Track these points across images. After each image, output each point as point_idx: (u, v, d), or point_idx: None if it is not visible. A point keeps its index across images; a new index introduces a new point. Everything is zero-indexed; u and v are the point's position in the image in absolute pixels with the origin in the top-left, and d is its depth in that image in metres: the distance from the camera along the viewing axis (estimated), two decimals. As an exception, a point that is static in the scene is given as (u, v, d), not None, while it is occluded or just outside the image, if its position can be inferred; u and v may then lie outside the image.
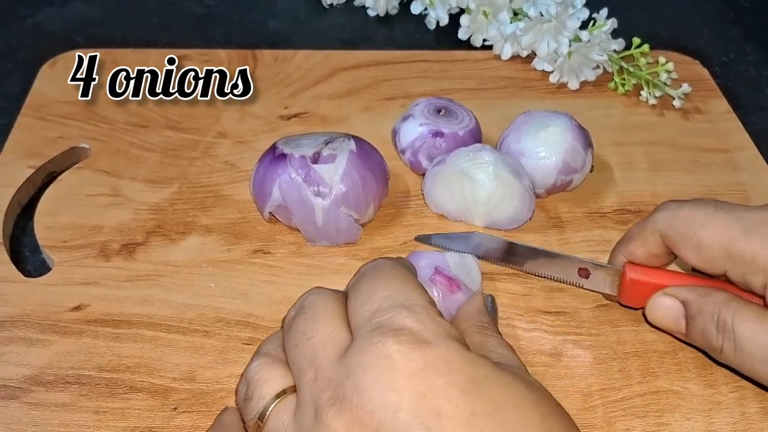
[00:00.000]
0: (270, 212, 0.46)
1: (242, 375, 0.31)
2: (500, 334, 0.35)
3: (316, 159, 0.44)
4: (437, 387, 0.25)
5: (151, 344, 0.41)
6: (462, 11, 0.64)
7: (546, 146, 0.48)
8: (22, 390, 0.38)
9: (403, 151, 0.50)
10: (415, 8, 0.68)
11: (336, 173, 0.44)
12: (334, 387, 0.26)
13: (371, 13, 0.70)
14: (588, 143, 0.49)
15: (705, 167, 0.53)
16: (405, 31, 0.69)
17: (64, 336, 0.41)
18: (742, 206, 0.37)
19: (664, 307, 0.39)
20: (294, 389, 0.29)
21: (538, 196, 0.49)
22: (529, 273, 0.45)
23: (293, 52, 0.63)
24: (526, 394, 0.26)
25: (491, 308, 0.38)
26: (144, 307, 0.43)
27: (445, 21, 0.66)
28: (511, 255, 0.44)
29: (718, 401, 0.39)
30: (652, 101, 0.58)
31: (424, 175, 0.50)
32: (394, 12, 0.70)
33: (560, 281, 0.44)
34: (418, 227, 0.48)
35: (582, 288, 0.43)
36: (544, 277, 0.44)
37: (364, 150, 0.46)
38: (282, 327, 0.32)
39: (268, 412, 0.28)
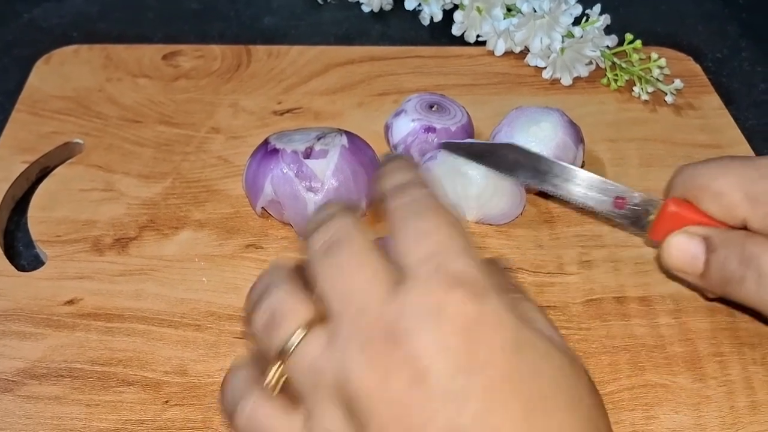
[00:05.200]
0: (262, 207, 0.46)
1: (255, 303, 0.29)
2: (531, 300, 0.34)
3: (308, 154, 0.44)
4: (486, 341, 0.25)
5: (144, 338, 0.41)
6: (456, 7, 0.64)
7: (537, 142, 0.48)
8: (16, 383, 0.39)
9: (395, 147, 0.51)
10: (409, 4, 0.68)
11: (328, 168, 0.44)
12: (382, 325, 0.26)
13: (365, 9, 0.70)
14: (579, 139, 0.49)
15: (697, 163, 0.53)
16: (399, 26, 0.69)
17: (57, 330, 0.41)
18: (752, 156, 0.40)
19: (682, 244, 0.39)
20: (321, 322, 0.28)
21: (529, 192, 0.49)
22: (560, 197, 0.43)
23: (287, 47, 0.63)
24: (559, 363, 0.26)
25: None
26: (136, 301, 0.43)
27: (439, 17, 0.66)
28: (542, 172, 0.43)
29: (706, 395, 0.39)
30: (644, 97, 0.58)
31: (416, 170, 0.50)
32: (388, 8, 0.70)
33: (591, 210, 0.43)
34: (410, 222, 0.48)
35: (613, 220, 0.43)
36: (577, 205, 0.44)
37: (356, 145, 0.46)
38: (304, 249, 0.30)
39: (295, 345, 0.27)
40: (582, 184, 0.43)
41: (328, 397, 0.26)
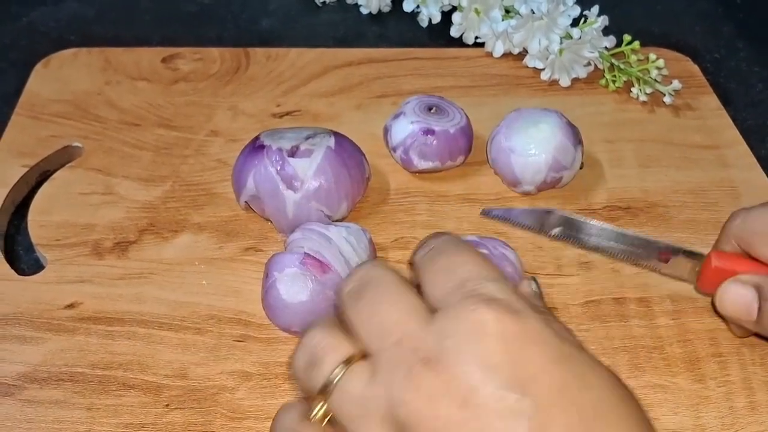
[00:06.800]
0: (246, 201, 0.47)
1: (298, 345, 0.30)
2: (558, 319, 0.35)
3: (293, 153, 0.45)
4: (531, 355, 0.25)
5: (144, 342, 0.41)
6: (454, 9, 0.64)
7: (536, 143, 0.48)
8: (17, 387, 0.39)
9: (394, 149, 0.51)
10: (408, 6, 0.68)
11: (310, 168, 0.44)
12: (427, 349, 0.26)
13: (364, 11, 0.70)
14: (578, 140, 0.49)
15: (695, 163, 0.54)
16: (397, 28, 0.69)
17: (57, 334, 0.41)
18: None
19: (736, 293, 0.40)
20: (360, 357, 0.28)
21: (528, 193, 0.50)
22: (607, 255, 0.45)
23: (286, 50, 0.63)
24: (606, 375, 0.27)
25: (537, 292, 0.38)
26: (136, 304, 0.43)
27: (437, 18, 0.66)
28: (586, 235, 0.45)
29: (705, 396, 0.40)
30: (642, 98, 0.58)
31: (415, 172, 0.50)
32: (386, 10, 0.70)
33: (638, 264, 0.45)
34: (410, 224, 0.48)
35: (659, 272, 0.44)
36: (622, 260, 0.45)
37: (343, 147, 0.46)
38: (339, 302, 0.31)
39: (336, 380, 0.28)
40: (627, 242, 0.44)
41: (377, 428, 0.27)
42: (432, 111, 0.51)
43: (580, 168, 0.50)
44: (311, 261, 0.41)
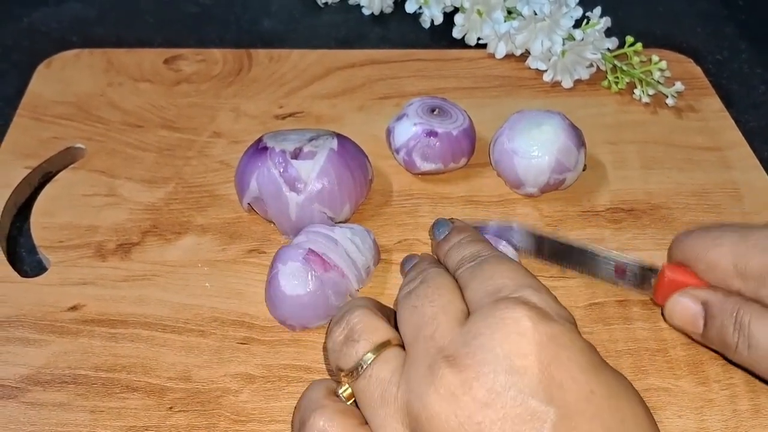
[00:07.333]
0: (248, 203, 0.47)
1: (335, 322, 0.32)
2: None
3: (296, 154, 0.45)
4: (561, 360, 0.26)
5: (147, 344, 0.41)
6: (456, 10, 0.64)
7: (539, 145, 0.48)
8: (20, 390, 0.39)
9: (397, 151, 0.51)
10: (410, 7, 0.68)
11: (313, 170, 0.44)
12: (455, 347, 0.27)
13: (366, 12, 0.70)
14: (581, 142, 0.49)
15: (697, 165, 0.54)
16: (399, 29, 0.69)
17: (60, 336, 0.41)
18: (747, 225, 0.39)
19: (684, 306, 0.40)
20: (394, 344, 0.29)
21: (531, 195, 0.50)
22: (565, 268, 0.45)
23: (288, 51, 0.63)
24: (629, 388, 0.27)
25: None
26: (140, 306, 0.43)
27: (439, 20, 0.66)
28: (544, 250, 0.45)
29: (709, 399, 0.39)
30: (645, 99, 0.58)
31: (418, 174, 0.50)
32: (388, 11, 0.70)
33: (595, 277, 0.44)
34: (413, 226, 0.48)
35: (616, 286, 0.44)
36: (580, 274, 0.45)
37: (346, 149, 0.46)
38: (398, 298, 0.33)
39: (368, 362, 0.29)
40: (582, 256, 0.44)
41: (395, 418, 0.27)
42: (435, 113, 0.51)
43: (583, 170, 0.50)
44: (314, 257, 0.41)
